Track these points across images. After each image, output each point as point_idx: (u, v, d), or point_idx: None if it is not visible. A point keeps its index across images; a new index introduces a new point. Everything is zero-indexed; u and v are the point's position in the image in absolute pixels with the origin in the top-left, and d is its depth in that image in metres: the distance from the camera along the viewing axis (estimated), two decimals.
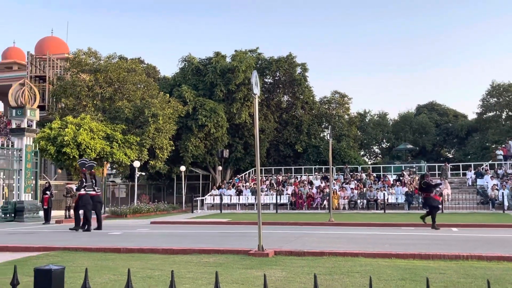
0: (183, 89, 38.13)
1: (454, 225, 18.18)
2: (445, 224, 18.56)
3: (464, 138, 53.07)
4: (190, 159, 37.65)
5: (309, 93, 45.39)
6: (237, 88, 39.21)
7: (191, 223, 21.89)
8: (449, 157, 56.20)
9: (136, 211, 27.78)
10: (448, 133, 55.25)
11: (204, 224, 21.20)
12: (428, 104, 60.63)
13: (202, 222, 21.85)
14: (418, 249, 10.85)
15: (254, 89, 11.03)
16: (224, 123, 38.27)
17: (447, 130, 55.27)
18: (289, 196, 31.49)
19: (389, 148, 56.88)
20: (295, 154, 43.99)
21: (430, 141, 54.09)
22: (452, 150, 58.34)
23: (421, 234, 15.34)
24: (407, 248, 11.30)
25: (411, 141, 51.82)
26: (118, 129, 31.51)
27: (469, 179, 32.98)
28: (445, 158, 54.27)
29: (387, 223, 19.18)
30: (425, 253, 10.00)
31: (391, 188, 30.50)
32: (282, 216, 24.65)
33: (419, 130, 54.52)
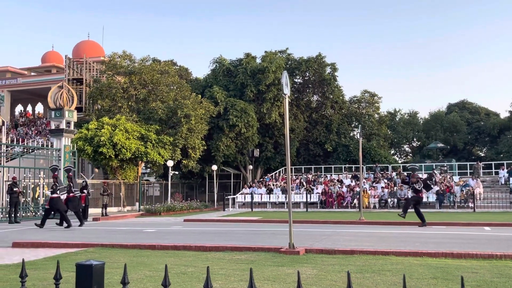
0: (214, 90, 38.37)
1: (487, 224, 17.75)
2: (477, 223, 18.16)
3: (496, 137, 51.75)
4: (222, 158, 37.86)
5: (339, 92, 45.03)
6: (267, 88, 39.21)
7: (222, 221, 22.00)
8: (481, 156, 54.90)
9: (170, 209, 28.08)
10: (479, 131, 53.99)
11: (235, 222, 21.25)
12: (459, 102, 59.39)
13: (233, 220, 21.92)
14: (450, 248, 10.64)
15: (285, 89, 11.01)
16: (254, 123, 38.33)
17: (479, 129, 54.01)
18: (319, 195, 31.32)
19: (419, 147, 55.96)
20: (325, 153, 43.71)
21: (461, 139, 52.97)
22: (484, 148, 56.96)
23: (453, 233, 15.04)
24: (438, 247, 11.09)
25: (442, 140, 50.86)
26: (152, 129, 31.91)
27: (502, 178, 32.14)
28: (476, 156, 53.04)
29: (418, 222, 18.85)
30: (457, 251, 9.80)
31: None
32: (312, 215, 24.53)
33: (450, 128, 53.46)
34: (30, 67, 52.20)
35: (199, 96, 36.12)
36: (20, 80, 47.57)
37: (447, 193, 28.59)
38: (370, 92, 47.73)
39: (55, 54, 53.15)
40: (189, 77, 46.51)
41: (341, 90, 45.56)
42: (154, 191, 39.26)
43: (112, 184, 31.25)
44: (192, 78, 46.75)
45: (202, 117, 34.78)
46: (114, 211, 29.43)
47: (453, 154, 52.54)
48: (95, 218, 23.09)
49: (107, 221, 22.59)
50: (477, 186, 29.28)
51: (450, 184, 29.68)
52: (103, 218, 23.60)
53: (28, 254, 10.60)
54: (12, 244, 12.25)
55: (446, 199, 28.45)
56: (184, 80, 40.47)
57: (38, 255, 10.49)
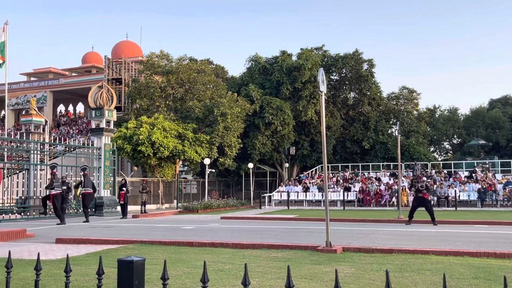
0: (250, 88, 38.49)
1: None
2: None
3: None
4: (258, 156, 37.96)
5: (376, 89, 44.39)
6: (303, 86, 39.04)
7: (259, 218, 22.04)
8: None
9: (207, 206, 28.34)
10: None
11: (271, 220, 21.28)
12: (502, 98, 57.53)
13: (269, 218, 21.95)
14: (493, 248, 10.35)
15: (321, 86, 10.94)
16: (290, 121, 38.25)
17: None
18: (356, 193, 31.00)
19: (460, 144, 54.57)
20: (362, 150, 43.20)
21: (504, 136, 51.31)
22: None
23: (496, 232, 14.60)
24: (480, 246, 10.80)
25: (484, 136, 49.42)
26: (189, 128, 32.29)
27: None
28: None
29: (458, 220, 18.41)
30: (500, 251, 9.52)
31: (463, 185, 29.24)
32: (349, 213, 24.30)
33: (492, 125, 51.88)
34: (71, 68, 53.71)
35: (235, 95, 36.31)
36: (62, 80, 49.03)
37: (489, 191, 27.79)
38: (409, 88, 46.84)
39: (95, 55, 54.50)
40: (225, 75, 46.81)
41: (378, 86, 44.89)
42: (191, 188, 39.74)
43: (151, 182, 31.79)
44: (228, 77, 47.02)
45: (238, 115, 34.94)
46: (153, 208, 29.94)
47: (495, 151, 50.97)
48: (135, 215, 23.57)
49: (145, 218, 23.02)
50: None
51: (492, 182, 28.84)
52: (142, 215, 24.06)
53: (70, 250, 10.92)
54: (56, 240, 12.65)
55: (488, 197, 27.68)
56: (220, 78, 40.79)
57: (80, 251, 10.80)
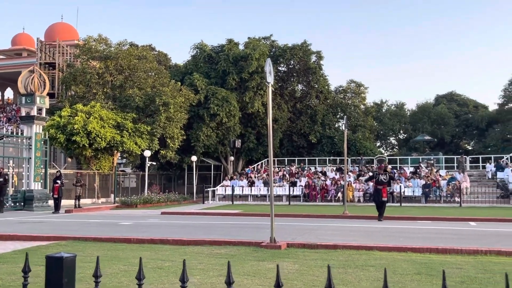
0: (194, 77, 38.18)
1: (472, 219, 18.06)
2: (463, 218, 18.48)
3: (484, 130, 52.59)
4: (202, 149, 37.78)
5: (324, 82, 45.19)
6: (250, 76, 39.15)
7: (202, 214, 22.02)
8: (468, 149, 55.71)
9: (147, 201, 27.99)
10: (467, 124, 54.78)
11: (215, 215, 21.26)
12: (448, 94, 60.12)
13: (213, 213, 21.97)
14: (435, 243, 10.82)
15: (268, 77, 11.00)
16: (236, 113, 38.29)
17: (467, 121, 54.80)
18: (302, 188, 31.50)
19: (406, 140, 56.58)
20: (309, 144, 43.92)
21: (449, 132, 53.71)
22: (472, 142, 57.87)
23: (439, 228, 15.28)
24: (423, 242, 11.27)
25: (429, 132, 51.46)
26: (128, 117, 31.68)
27: (489, 172, 32.71)
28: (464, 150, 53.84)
29: (403, 216, 19.12)
30: (442, 247, 9.97)
31: (407, 181, 30.37)
32: (295, 208, 24.66)
33: (438, 121, 54.12)
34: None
35: (179, 84, 35.95)
36: None
37: (433, 187, 29.00)
38: (356, 82, 48.00)
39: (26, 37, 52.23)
40: (168, 63, 46.19)
41: (326, 79, 45.71)
42: (130, 182, 39.06)
43: (86, 174, 31.01)
44: (172, 65, 46.43)
45: (182, 105, 34.62)
46: (88, 203, 29.24)
47: (440, 147, 53.24)
48: (68, 210, 22.91)
49: (80, 213, 22.41)
50: (464, 180, 29.76)
51: (436, 178, 30.11)
52: (76, 210, 23.43)
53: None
54: None
55: (432, 193, 28.87)
56: (163, 66, 40.19)
57: (7, 248, 10.37)
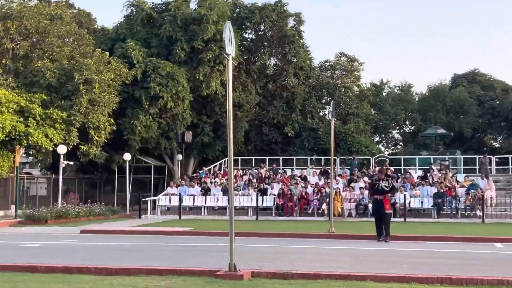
0: (129, 46, 37.75)
1: (498, 240, 18.49)
2: (486, 238, 18.88)
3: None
4: (138, 144, 37.43)
5: (305, 55, 45.34)
6: (205, 46, 38.94)
7: (137, 232, 21.84)
8: (495, 147, 56.82)
9: (61, 215, 27.57)
10: (494, 113, 55.78)
11: (155, 234, 21.16)
12: (469, 73, 61.06)
13: (153, 232, 21.82)
14: (448, 271, 11.03)
15: (228, 47, 10.99)
16: (186, 95, 38.06)
17: (493, 110, 55.77)
18: (274, 198, 31.54)
19: (413, 133, 57.33)
20: (285, 139, 44.03)
21: (469, 124, 54.60)
22: (500, 137, 59.04)
23: (453, 251, 15.60)
24: (433, 269, 11.47)
25: (444, 124, 52.19)
26: (36, 100, 31.17)
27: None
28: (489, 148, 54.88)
29: (407, 235, 19.40)
30: (456, 276, 10.18)
31: (415, 188, 30.81)
32: (264, 225, 24.69)
33: (455, 109, 54.93)
34: None
35: (107, 54, 35.49)
36: None
37: (448, 196, 29.48)
38: (348, 55, 48.47)
39: None
40: (92, 26, 45.52)
41: (308, 51, 45.87)
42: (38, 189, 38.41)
43: None
44: (97, 28, 45.76)
45: (111, 84, 34.23)
46: None
47: (458, 144, 54.13)
48: None
49: None
50: (488, 187, 30.36)
51: (452, 185, 30.63)
52: None
53: None
54: None
55: (446, 204, 29.35)
56: (84, 30, 39.59)
57: None
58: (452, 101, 54.49)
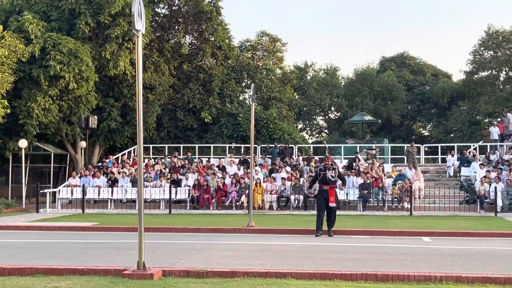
0: (26, 19, 36.78)
1: (426, 233, 19.10)
2: (413, 231, 19.47)
3: (446, 108, 55.35)
4: (36, 129, 36.58)
5: (224, 33, 45.34)
6: (113, 20, 38.37)
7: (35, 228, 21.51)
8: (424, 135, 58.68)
9: None
10: (424, 99, 57.52)
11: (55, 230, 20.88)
12: (398, 56, 62.72)
13: (52, 227, 21.50)
14: (374, 267, 11.32)
15: (137, 23, 10.87)
16: (91, 75, 37.43)
17: (423, 96, 57.47)
18: (189, 189, 31.54)
19: (339, 120, 58.43)
20: (201, 125, 44.00)
21: (398, 110, 56.10)
22: (429, 124, 60.99)
23: (380, 245, 16.01)
24: (357, 265, 11.74)
25: (371, 110, 53.35)
26: None
27: (451, 167, 34.62)
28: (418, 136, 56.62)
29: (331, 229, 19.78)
30: (382, 272, 10.45)
31: None
32: (178, 219, 24.68)
33: (383, 94, 56.28)
34: None
35: (0, 28, 34.50)
36: None
37: (374, 188, 30.21)
38: (271, 35, 48.77)
39: None
40: None
41: (227, 30, 45.87)
42: None
43: None
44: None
45: (4, 61, 33.33)
46: None
47: (386, 132, 55.59)
48: None
49: None
50: (416, 178, 31.27)
51: (379, 175, 31.40)
52: None
53: None
54: None
55: (373, 196, 30.05)
56: None
57: None
58: (380, 86, 55.77)
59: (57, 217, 26.25)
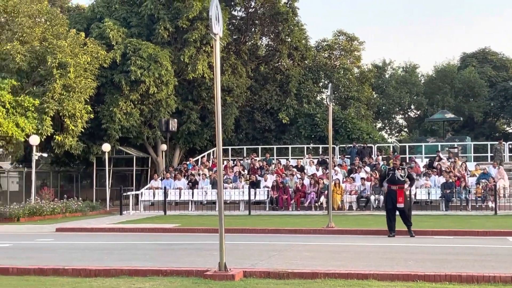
0: (106, 26, 37.58)
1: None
2: (498, 231, 18.97)
3: None
4: (118, 133, 37.33)
5: (301, 34, 45.26)
6: (191, 25, 38.81)
7: (118, 230, 21.88)
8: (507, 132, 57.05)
9: (34, 212, 27.60)
10: (507, 96, 55.95)
11: (138, 232, 21.24)
12: (479, 52, 61.20)
13: (135, 229, 21.86)
14: (457, 268, 11.08)
15: (214, 26, 10.94)
16: (170, 79, 37.96)
17: (506, 92, 55.94)
18: (268, 190, 31.59)
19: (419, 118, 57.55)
20: (279, 126, 44.03)
21: (480, 108, 54.81)
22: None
23: (464, 246, 15.68)
24: (441, 266, 11.52)
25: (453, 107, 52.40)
26: (5, 86, 31.02)
27: None
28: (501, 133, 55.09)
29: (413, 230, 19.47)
30: (467, 273, 10.21)
31: (421, 178, 30.90)
32: (257, 220, 24.75)
33: (465, 91, 55.11)
34: None
35: (82, 35, 35.30)
36: None
37: (457, 187, 29.60)
38: (347, 34, 48.39)
39: None
40: (66, 4, 45.30)
41: (303, 30, 45.78)
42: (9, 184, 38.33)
43: None
44: (72, 6, 45.54)
45: (87, 68, 34.08)
46: None
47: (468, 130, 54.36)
48: None
49: None
50: (500, 176, 30.48)
51: (462, 174, 30.74)
52: None
53: None
54: None
55: (455, 196, 29.46)
56: (57, 8, 39.41)
57: None
58: (461, 83, 54.67)
59: (140, 219, 26.73)
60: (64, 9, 42.26)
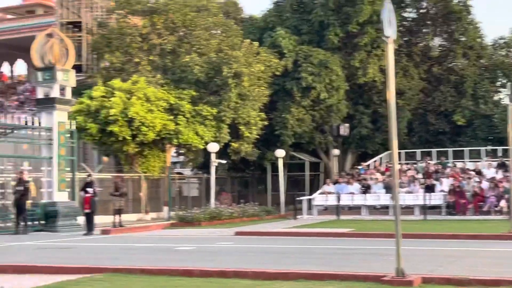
0: (278, 35, 38.19)
1: None
2: None
3: None
4: (291, 139, 37.79)
5: (475, 32, 43.72)
6: (361, 29, 38.64)
7: (293, 234, 22.21)
8: None
9: (214, 216, 28.40)
10: None
11: (312, 236, 21.36)
12: None
13: (309, 233, 22.09)
14: None
15: (387, 29, 10.81)
16: (341, 84, 37.97)
17: None
18: (444, 195, 30.83)
19: None
20: (454, 128, 42.77)
21: None
22: None
23: None
24: None
25: None
26: (185, 96, 32.19)
27: None
28: None
29: None
30: None
31: None
32: (433, 225, 24.24)
33: None
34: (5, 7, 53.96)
35: (256, 44, 36.07)
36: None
37: None
38: None
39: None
40: (239, 15, 46.43)
41: (478, 28, 44.17)
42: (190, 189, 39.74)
43: (129, 179, 31.84)
44: (245, 17, 46.66)
45: (261, 76, 34.75)
46: (133, 219, 30.02)
47: None
48: (105, 230, 23.71)
49: (122, 235, 23.23)
50: None
51: None
52: (116, 230, 24.25)
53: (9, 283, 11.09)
54: None
55: None
56: (232, 20, 40.52)
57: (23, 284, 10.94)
58: None
59: (314, 223, 26.92)
60: (238, 20, 43.35)
